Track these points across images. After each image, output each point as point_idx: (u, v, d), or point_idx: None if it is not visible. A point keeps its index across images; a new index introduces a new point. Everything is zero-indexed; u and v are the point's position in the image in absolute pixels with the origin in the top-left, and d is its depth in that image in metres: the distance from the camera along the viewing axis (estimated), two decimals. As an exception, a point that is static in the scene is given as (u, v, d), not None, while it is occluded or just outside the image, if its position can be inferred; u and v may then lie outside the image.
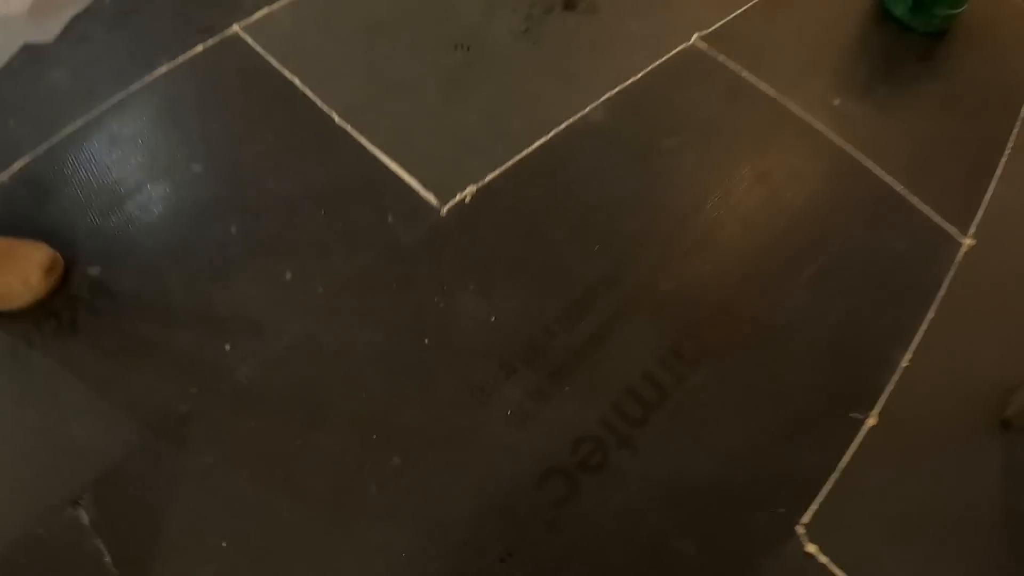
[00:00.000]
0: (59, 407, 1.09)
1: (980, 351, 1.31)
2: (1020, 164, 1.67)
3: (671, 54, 1.59)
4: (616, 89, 1.50)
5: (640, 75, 1.54)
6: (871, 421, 1.19)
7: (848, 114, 1.59)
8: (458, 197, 1.32)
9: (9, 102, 1.36)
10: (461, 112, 1.44)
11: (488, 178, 1.35)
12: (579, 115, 1.45)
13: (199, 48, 1.52)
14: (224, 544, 0.99)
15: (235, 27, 1.55)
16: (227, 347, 1.15)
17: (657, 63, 1.57)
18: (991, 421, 1.24)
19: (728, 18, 1.72)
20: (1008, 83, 1.88)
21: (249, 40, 1.54)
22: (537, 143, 1.40)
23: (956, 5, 1.97)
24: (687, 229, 1.35)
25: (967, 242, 1.45)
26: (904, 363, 1.26)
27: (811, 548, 1.08)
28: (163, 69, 1.49)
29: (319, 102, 1.44)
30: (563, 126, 1.42)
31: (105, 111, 1.38)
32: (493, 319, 1.20)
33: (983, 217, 1.51)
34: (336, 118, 1.41)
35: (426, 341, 1.18)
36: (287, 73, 1.47)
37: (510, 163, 1.37)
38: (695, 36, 1.65)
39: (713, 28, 1.68)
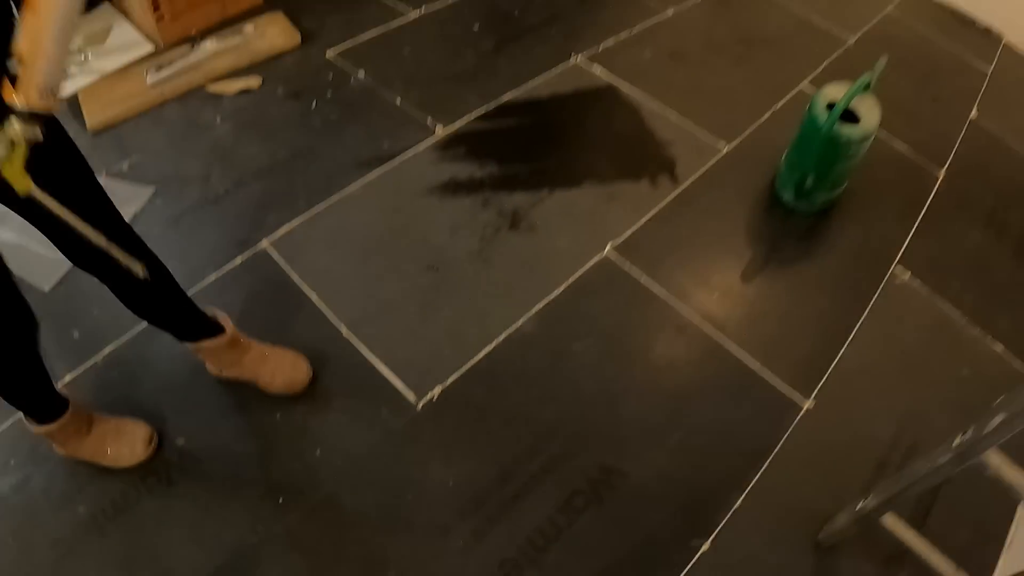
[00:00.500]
0: (159, 543, 1.62)
1: (802, 489, 1.72)
2: (871, 329, 2.10)
3: (588, 266, 2.10)
4: (543, 302, 2.01)
5: (562, 288, 2.04)
6: (706, 546, 1.69)
7: (723, 307, 2.06)
8: (428, 395, 1.85)
9: (91, 294, 1.71)
10: (432, 327, 1.97)
11: (449, 380, 1.88)
12: (515, 326, 1.96)
13: (238, 260, 2.01)
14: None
15: (264, 242, 2.10)
16: (280, 500, 1.70)
17: (577, 275, 2.07)
18: (807, 543, 1.71)
19: (637, 226, 2.21)
20: (878, 250, 2.30)
21: (275, 255, 2.07)
22: (484, 351, 1.92)
23: (834, 188, 2.40)
24: (587, 412, 1.82)
25: (807, 405, 1.92)
26: (738, 503, 1.74)
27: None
28: (212, 277, 1.94)
29: (330, 316, 1.96)
30: (503, 336, 1.95)
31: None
32: (451, 483, 1.74)
33: (826, 382, 1.95)
34: (344, 331, 1.95)
35: (409, 497, 1.71)
36: (305, 288, 2.01)
37: (465, 368, 1.90)
38: (608, 246, 2.16)
39: (624, 237, 2.18)
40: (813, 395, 1.89)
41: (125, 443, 1.60)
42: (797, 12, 3.46)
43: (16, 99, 0.84)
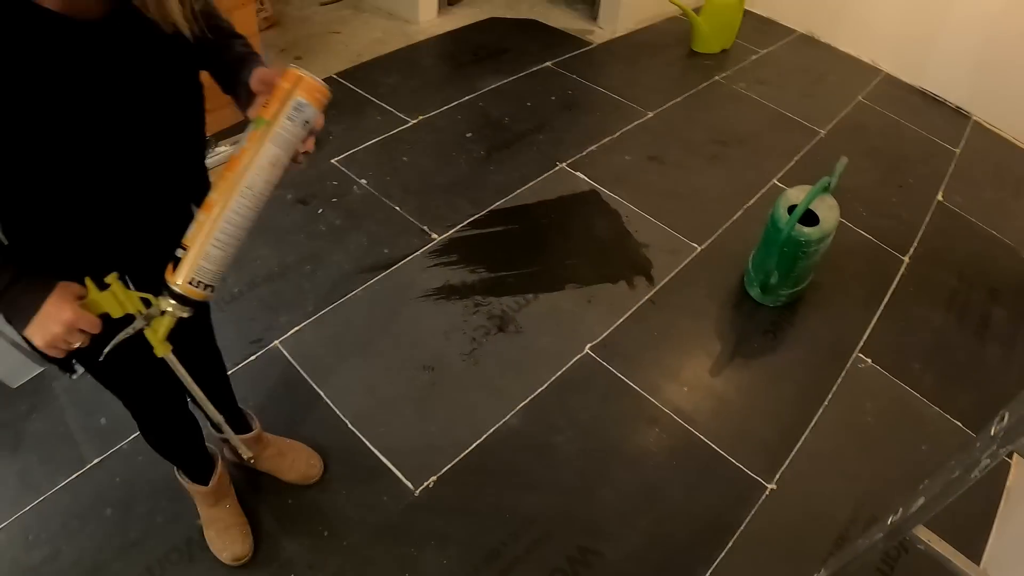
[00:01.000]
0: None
1: (765, 565, 1.87)
2: (833, 414, 2.28)
3: (569, 365, 2.30)
4: (528, 399, 2.21)
5: (545, 385, 2.24)
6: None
7: (692, 400, 2.25)
8: (425, 483, 2.04)
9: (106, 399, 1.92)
10: (427, 422, 2.15)
11: (443, 470, 2.07)
12: (502, 421, 2.16)
13: (252, 357, 2.19)
14: None
15: (276, 342, 2.31)
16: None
17: (558, 374, 2.28)
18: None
19: (613, 326, 2.44)
20: (840, 340, 2.48)
21: (286, 353, 2.29)
22: (474, 444, 2.12)
23: (798, 284, 2.61)
24: (567, 498, 1.98)
25: (771, 486, 2.10)
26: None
27: None
28: (228, 373, 2.20)
29: (337, 411, 2.14)
30: (491, 430, 2.14)
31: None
32: (444, 562, 1.89)
33: (789, 464, 2.13)
34: (348, 424, 2.12)
35: (407, 575, 1.90)
36: (314, 384, 2.20)
37: (457, 459, 2.08)
38: (587, 347, 2.39)
39: (601, 338, 2.39)
40: (776, 477, 2.06)
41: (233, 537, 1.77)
42: (770, 107, 3.74)
43: (171, 281, 0.97)
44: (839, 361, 2.40)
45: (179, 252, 0.97)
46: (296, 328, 2.31)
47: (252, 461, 1.77)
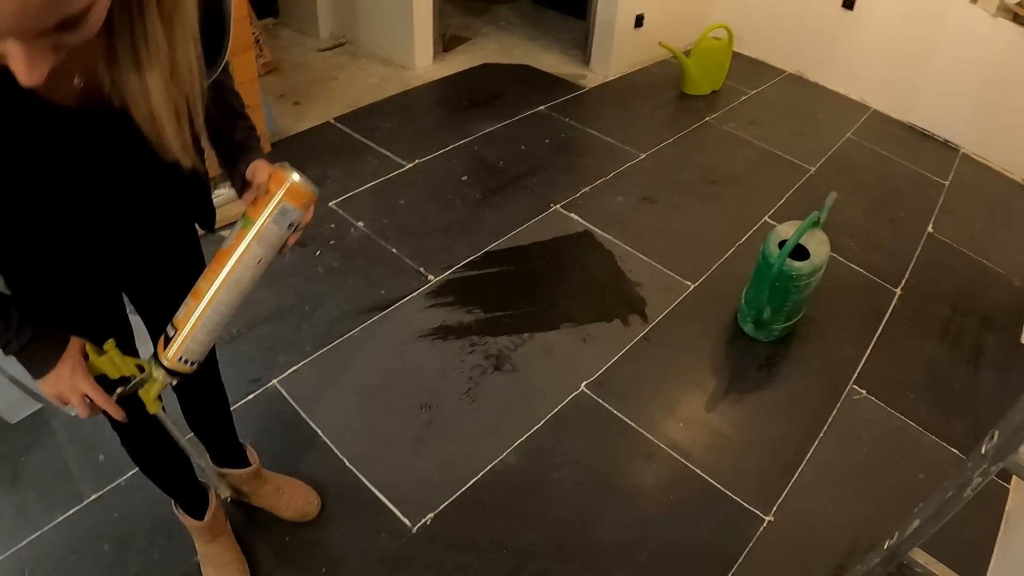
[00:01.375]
0: None
1: None
2: (829, 445, 2.29)
3: (564, 402, 2.33)
4: (524, 436, 2.22)
5: (542, 422, 2.26)
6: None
7: (688, 435, 2.27)
8: (423, 520, 2.03)
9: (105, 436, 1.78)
10: (425, 460, 2.16)
11: (441, 507, 2.07)
12: (499, 458, 2.17)
13: (251, 396, 2.20)
14: None
15: (274, 381, 2.33)
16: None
17: (554, 411, 2.30)
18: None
19: (608, 365, 2.46)
20: (834, 372, 2.50)
21: (284, 392, 2.31)
22: (472, 481, 2.12)
23: (791, 318, 2.65)
24: (565, 534, 1.99)
25: (768, 518, 2.11)
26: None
27: None
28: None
29: (335, 449, 2.15)
30: (489, 467, 2.15)
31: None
32: (444, 602, 1.93)
33: (786, 496, 2.14)
34: (346, 463, 2.13)
35: None
36: (312, 423, 2.22)
37: (455, 496, 2.09)
38: (583, 384, 2.41)
39: (596, 376, 2.42)
40: (774, 509, 2.07)
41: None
42: (760, 146, 3.80)
43: (162, 356, 1.07)
44: (834, 393, 2.42)
45: (169, 330, 1.06)
46: (294, 368, 2.34)
47: (229, 499, 1.84)
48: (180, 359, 1.06)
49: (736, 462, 2.17)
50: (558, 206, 3.14)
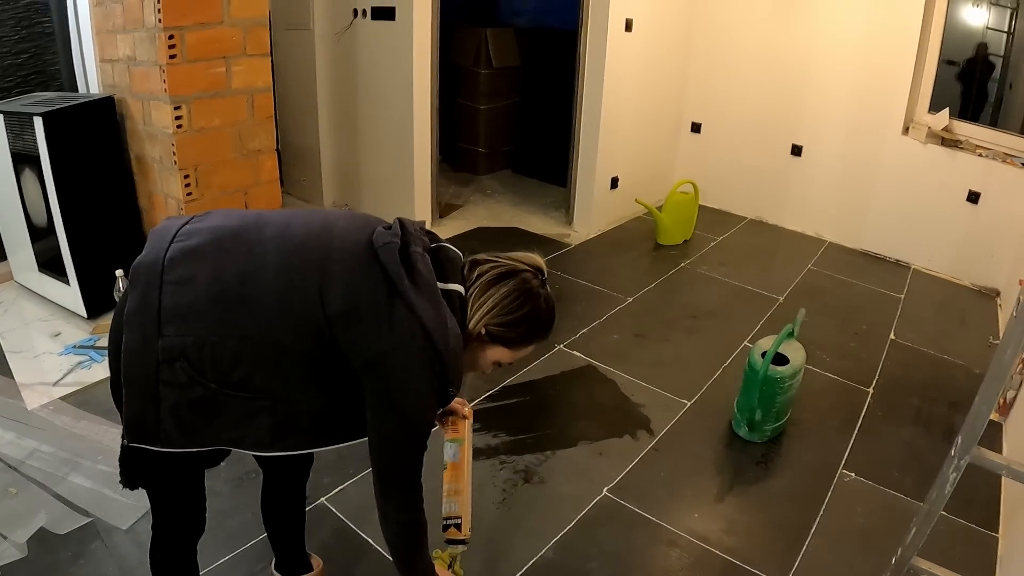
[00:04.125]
0: None
1: None
2: (829, 521, 2.55)
3: (591, 505, 2.61)
4: (559, 535, 2.45)
5: (573, 523, 2.52)
6: None
7: (703, 523, 2.53)
8: None
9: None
10: (471, 562, 2.22)
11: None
12: (539, 555, 2.37)
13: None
14: None
15: (323, 499, 2.54)
16: None
17: (583, 512, 2.56)
18: None
19: (624, 472, 2.77)
20: (824, 461, 2.81)
21: (334, 509, 2.42)
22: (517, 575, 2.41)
23: (779, 419, 3.00)
24: None
25: (784, 586, 2.39)
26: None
27: None
28: None
29: (387, 557, 2.47)
30: (530, 563, 2.33)
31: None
32: None
33: (799, 565, 2.40)
34: None
35: None
36: (363, 535, 2.30)
37: (502, 598, 2.38)
38: (605, 489, 2.73)
39: (616, 482, 2.73)
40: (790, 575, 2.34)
41: None
42: (732, 283, 4.28)
43: (458, 537, 1.72)
44: (826, 478, 2.72)
45: (449, 522, 1.75)
46: (340, 487, 2.59)
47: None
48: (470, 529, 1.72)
49: (750, 541, 2.44)
50: (561, 346, 3.55)
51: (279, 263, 1.30)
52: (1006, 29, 4.43)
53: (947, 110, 4.37)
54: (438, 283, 1.36)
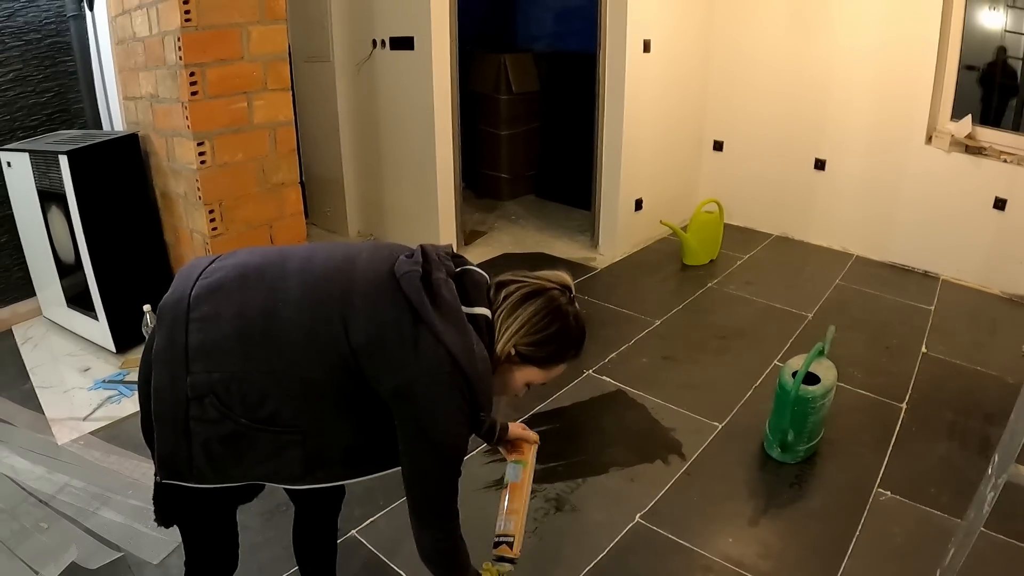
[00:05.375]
0: None
1: None
2: (866, 541, 2.52)
3: (624, 532, 2.61)
4: (592, 563, 2.45)
5: (606, 551, 2.51)
6: None
7: (737, 548, 2.53)
8: None
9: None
10: None
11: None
12: None
13: None
14: None
15: (354, 532, 2.47)
16: None
17: (616, 540, 2.56)
18: None
19: (656, 498, 2.77)
20: (858, 480, 2.79)
21: (365, 541, 2.42)
22: (551, 615, 2.43)
23: (812, 439, 2.99)
24: None
25: (824, 609, 2.37)
26: None
27: None
28: None
29: None
30: None
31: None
32: None
33: (838, 587, 2.41)
34: None
35: None
36: (394, 566, 2.34)
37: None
38: (637, 516, 2.73)
39: (648, 508, 2.74)
40: (827, 601, 2.32)
41: None
42: (760, 302, 4.27)
43: (509, 555, 1.74)
44: (862, 498, 2.70)
45: (504, 539, 1.77)
46: (371, 519, 2.61)
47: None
48: (520, 545, 1.74)
49: (785, 564, 2.43)
50: (590, 371, 3.56)
51: (302, 297, 1.32)
52: (1024, 31, 4.39)
53: (969, 117, 4.35)
54: (464, 307, 1.36)
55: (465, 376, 1.31)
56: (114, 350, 3.47)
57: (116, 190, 3.34)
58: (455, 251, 1.59)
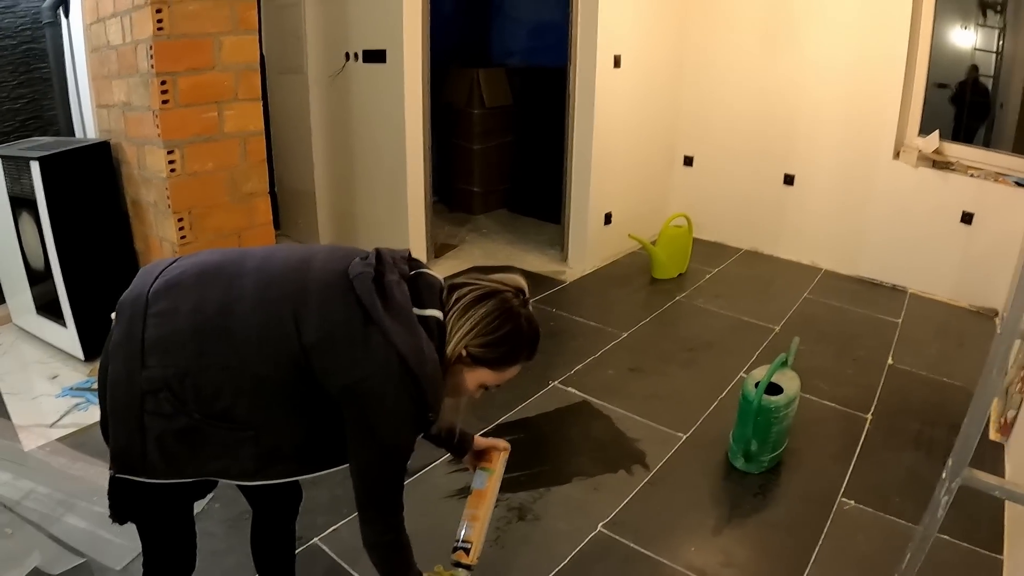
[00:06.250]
0: None
1: None
2: (829, 549, 2.49)
3: (585, 541, 2.55)
4: (553, 572, 2.39)
5: (568, 559, 2.45)
6: None
7: (700, 557, 2.49)
8: None
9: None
10: None
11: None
12: None
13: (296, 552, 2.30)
14: None
15: (316, 540, 2.41)
16: None
17: (578, 548, 2.51)
18: None
19: (619, 507, 2.73)
20: (822, 490, 2.78)
21: (327, 549, 2.40)
22: (511, 628, 2.37)
23: (776, 448, 2.97)
24: None
25: (782, 618, 2.34)
26: None
27: None
28: None
29: None
30: None
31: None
32: None
33: (797, 597, 2.39)
34: None
35: None
36: (355, 574, 2.35)
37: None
38: (599, 525, 2.68)
39: (610, 517, 2.69)
40: (787, 609, 2.29)
41: None
42: (728, 315, 4.27)
43: (466, 561, 1.73)
44: (825, 507, 2.68)
45: (462, 545, 1.76)
46: (333, 527, 2.55)
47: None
48: (478, 554, 1.74)
49: (749, 574, 2.40)
50: (556, 382, 3.53)
51: (257, 295, 1.34)
52: (995, 50, 4.44)
53: (937, 133, 4.39)
54: (415, 309, 1.38)
55: (414, 376, 1.32)
56: (83, 358, 3.45)
57: (87, 197, 3.31)
58: (411, 256, 1.59)
